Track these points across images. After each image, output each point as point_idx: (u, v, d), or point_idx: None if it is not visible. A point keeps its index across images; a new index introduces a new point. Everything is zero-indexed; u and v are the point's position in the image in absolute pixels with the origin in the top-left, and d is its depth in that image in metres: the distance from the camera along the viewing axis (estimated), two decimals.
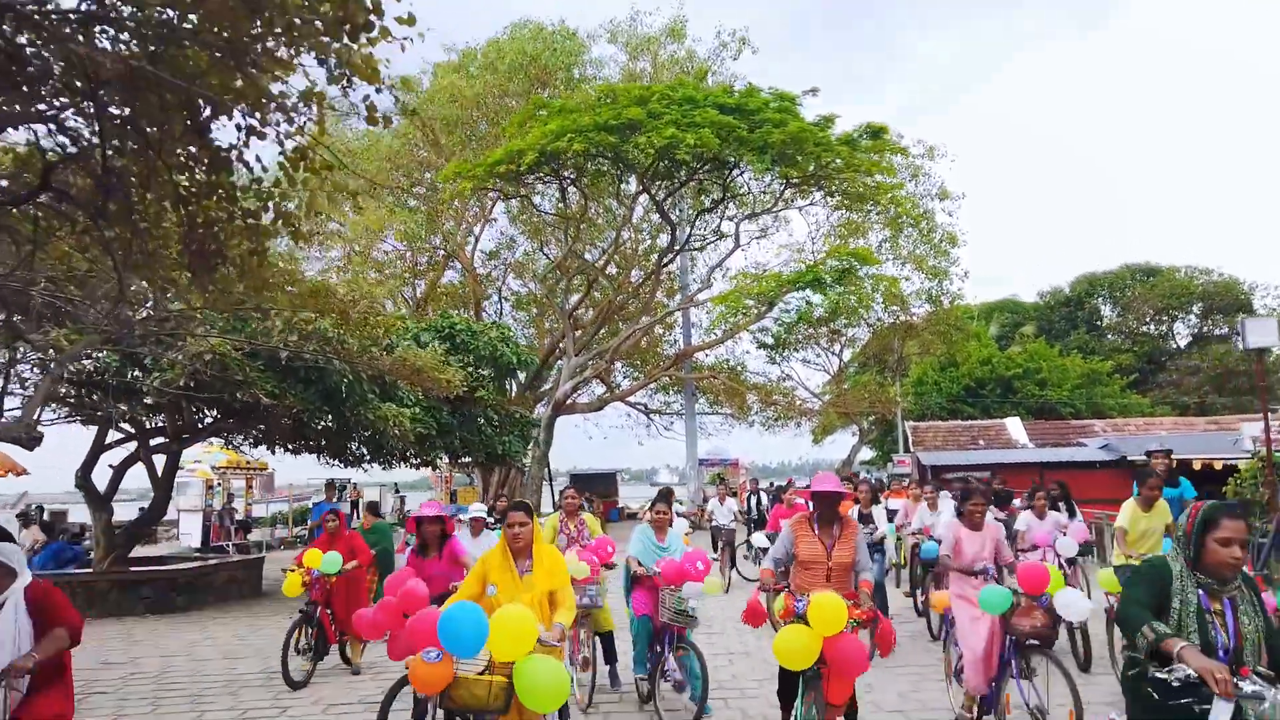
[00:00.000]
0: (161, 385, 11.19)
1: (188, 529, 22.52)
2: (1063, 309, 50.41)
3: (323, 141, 4.13)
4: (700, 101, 21.52)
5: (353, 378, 12.31)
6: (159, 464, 14.31)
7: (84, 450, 13.88)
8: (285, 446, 15.64)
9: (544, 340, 32.41)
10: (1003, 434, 31.80)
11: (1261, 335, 11.00)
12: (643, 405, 35.78)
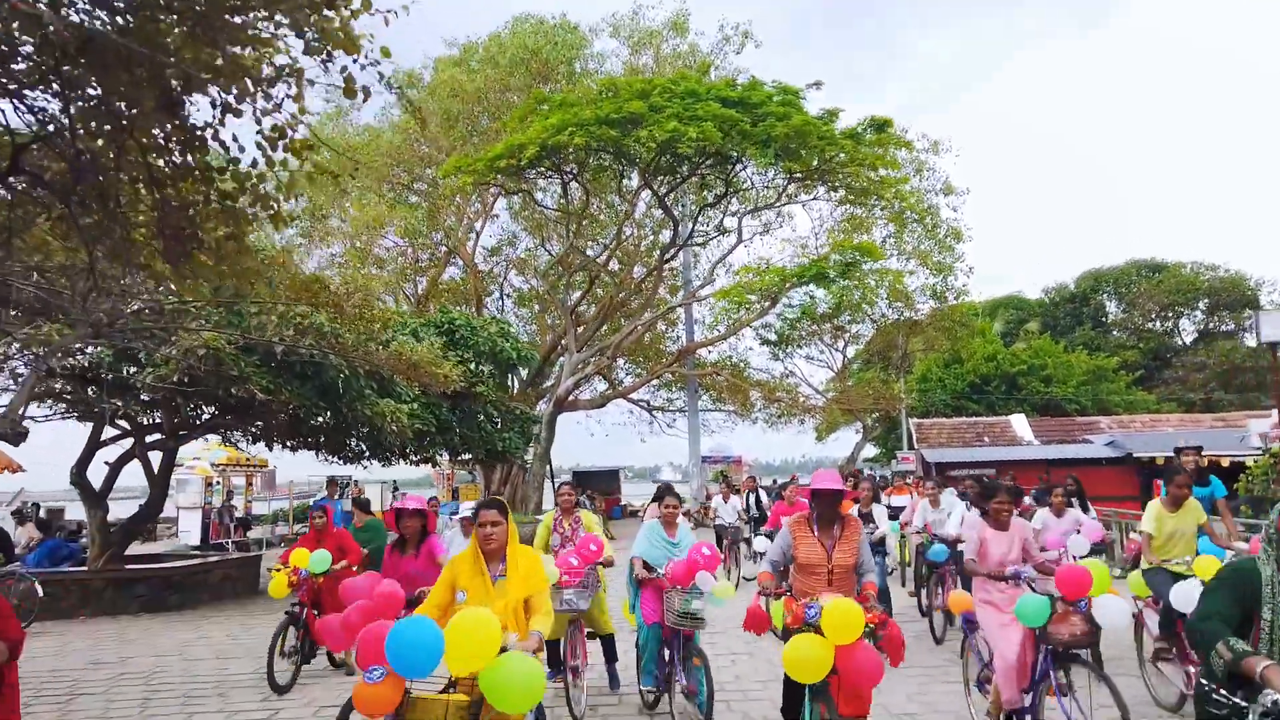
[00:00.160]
0: (155, 380, 11.01)
1: (187, 526, 22.35)
2: (1067, 305, 50.16)
3: (302, 119, 3.95)
4: (703, 95, 21.30)
5: (349, 373, 12.12)
6: (155, 461, 14.16)
7: (80, 447, 13.74)
8: (283, 443, 15.46)
9: (546, 337, 32.24)
10: (1008, 431, 31.59)
11: (1276, 329, 10.79)
12: (645, 402, 35.60)
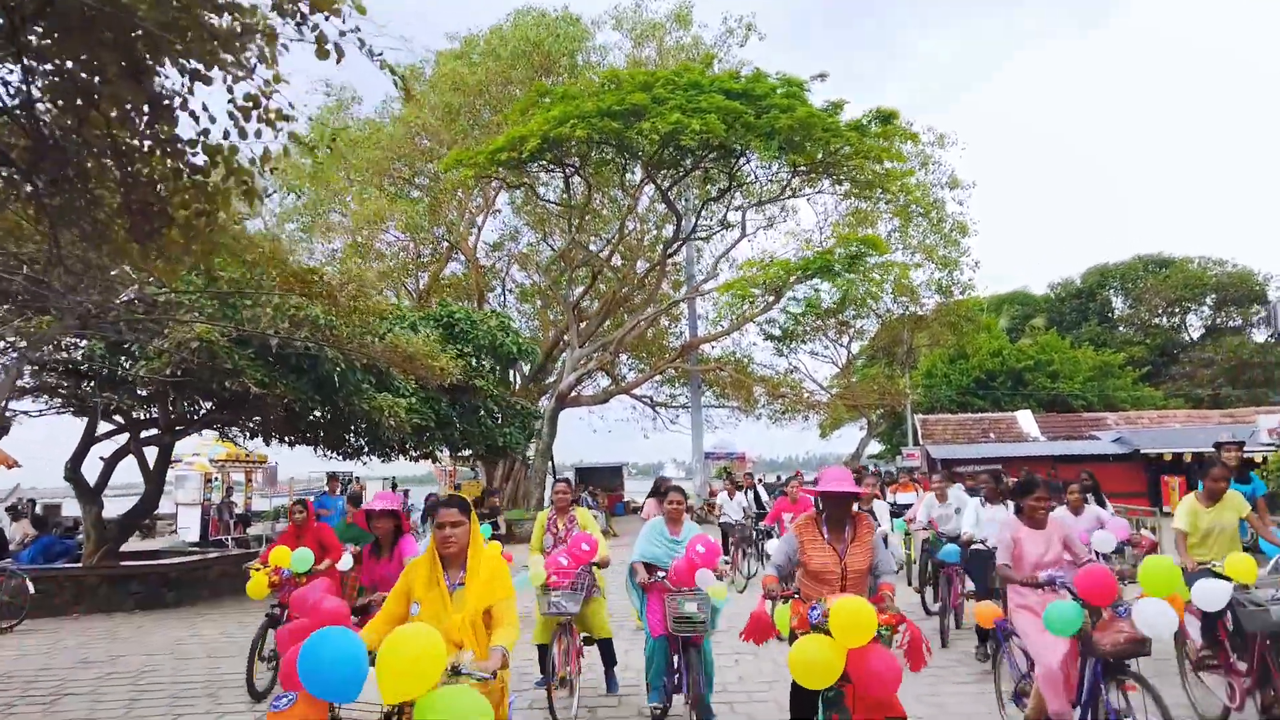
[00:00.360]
0: (148, 373, 10.80)
1: (186, 523, 22.18)
2: (1074, 301, 49.87)
3: (276, 87, 3.72)
4: (706, 87, 21.04)
5: (345, 366, 11.90)
6: (151, 457, 13.97)
7: (76, 442, 13.55)
8: (280, 438, 15.24)
9: (548, 332, 32.04)
10: (1014, 427, 31.34)
11: None
12: (648, 398, 35.38)
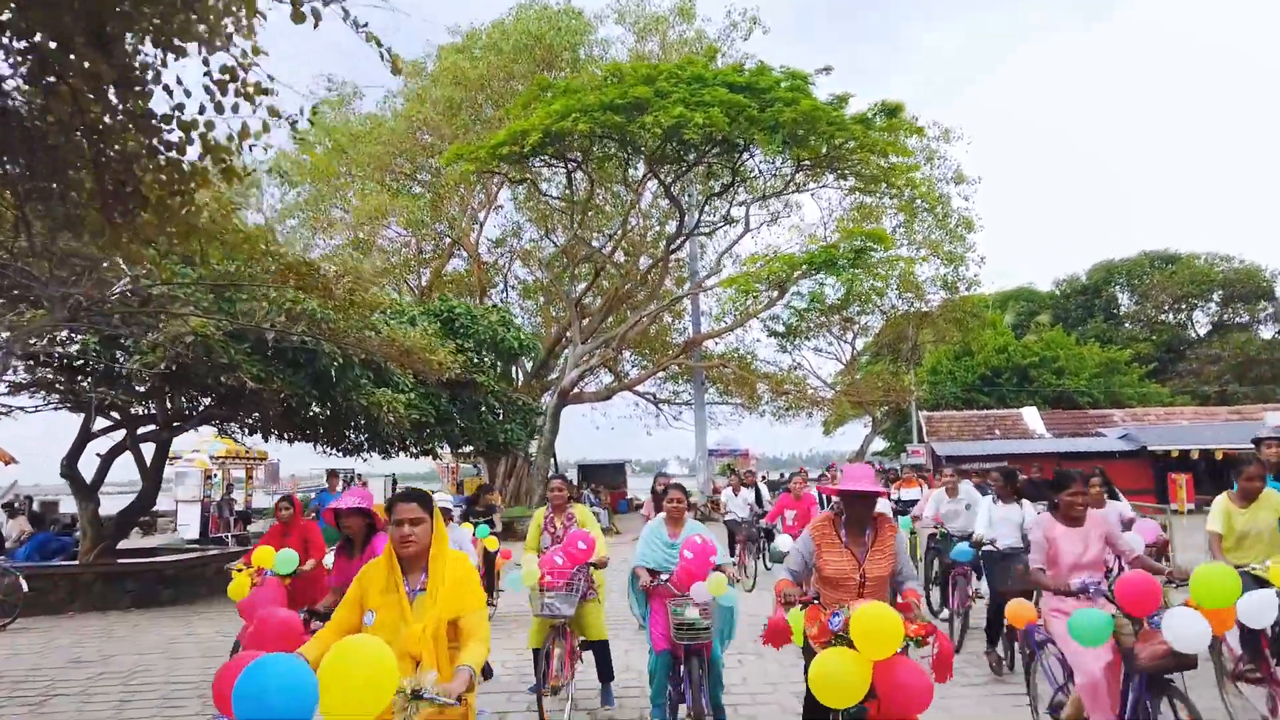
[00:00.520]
0: (142, 367, 10.64)
1: (186, 520, 22.03)
2: (1079, 297, 49.61)
3: (255, 60, 3.53)
4: (709, 80, 20.83)
5: (343, 361, 11.73)
6: (149, 453, 13.81)
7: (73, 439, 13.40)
8: (279, 434, 15.09)
9: (551, 329, 31.87)
10: (1019, 424, 31.14)
11: None
12: (651, 395, 35.19)
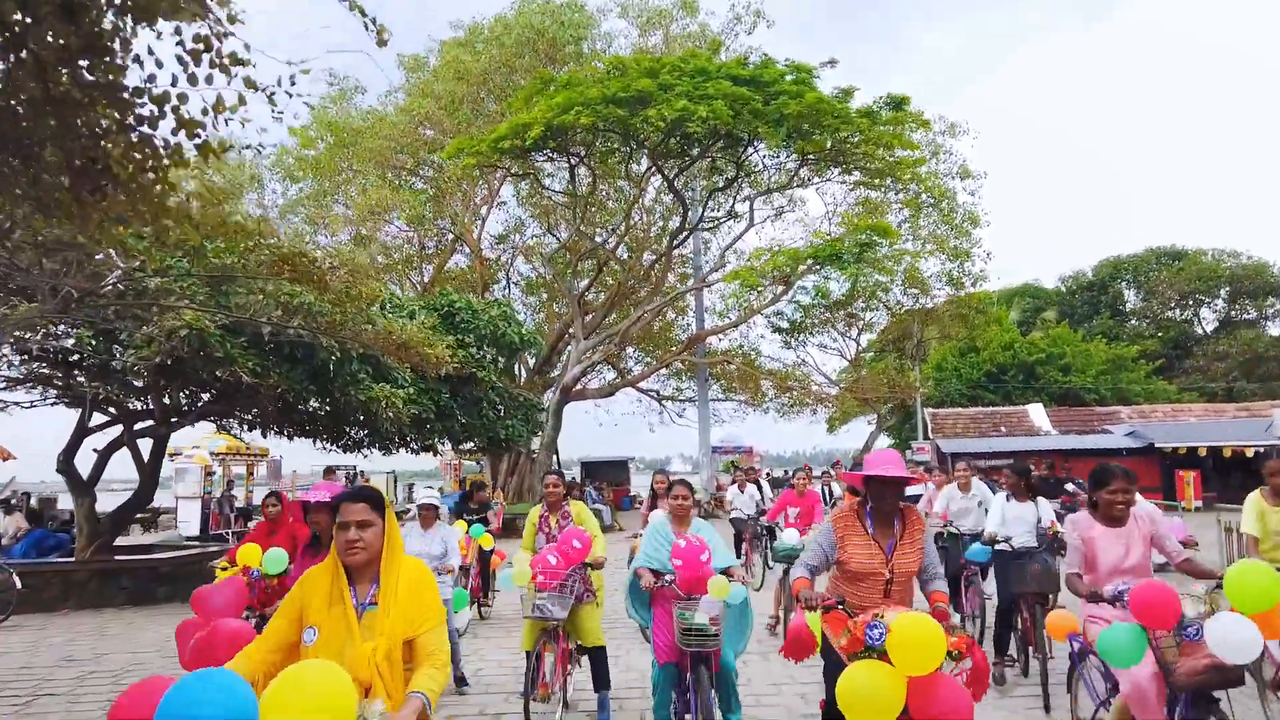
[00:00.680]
0: (137, 361, 10.48)
1: (186, 516, 21.94)
2: (1085, 294, 49.37)
3: (231, 28, 3.34)
4: (713, 73, 20.63)
5: (340, 355, 11.56)
6: (146, 449, 13.67)
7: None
8: (279, 430, 14.95)
9: (553, 325, 31.73)
10: (1025, 421, 30.96)
11: None
12: (655, 391, 35.06)
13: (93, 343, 11.17)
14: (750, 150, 22.95)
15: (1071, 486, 12.02)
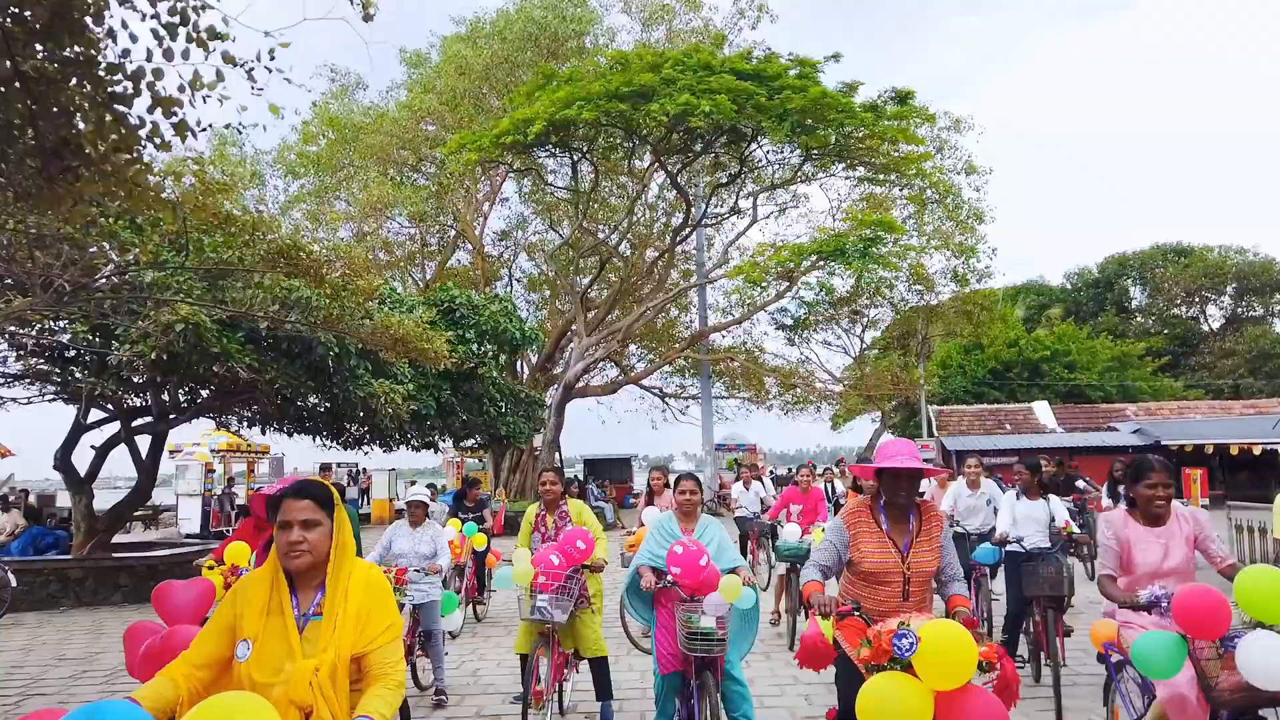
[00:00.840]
0: (132, 356, 10.36)
1: (187, 514, 21.88)
2: (1091, 290, 49.13)
3: (210, 2, 3.21)
4: (716, 68, 20.47)
5: (339, 351, 11.43)
6: (144, 446, 13.56)
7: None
8: (278, 427, 14.84)
9: (556, 322, 31.61)
10: (1030, 418, 30.76)
11: None
12: (658, 389, 34.86)
13: (89, 338, 11.06)
14: (754, 145, 22.80)
15: (1082, 484, 11.85)
